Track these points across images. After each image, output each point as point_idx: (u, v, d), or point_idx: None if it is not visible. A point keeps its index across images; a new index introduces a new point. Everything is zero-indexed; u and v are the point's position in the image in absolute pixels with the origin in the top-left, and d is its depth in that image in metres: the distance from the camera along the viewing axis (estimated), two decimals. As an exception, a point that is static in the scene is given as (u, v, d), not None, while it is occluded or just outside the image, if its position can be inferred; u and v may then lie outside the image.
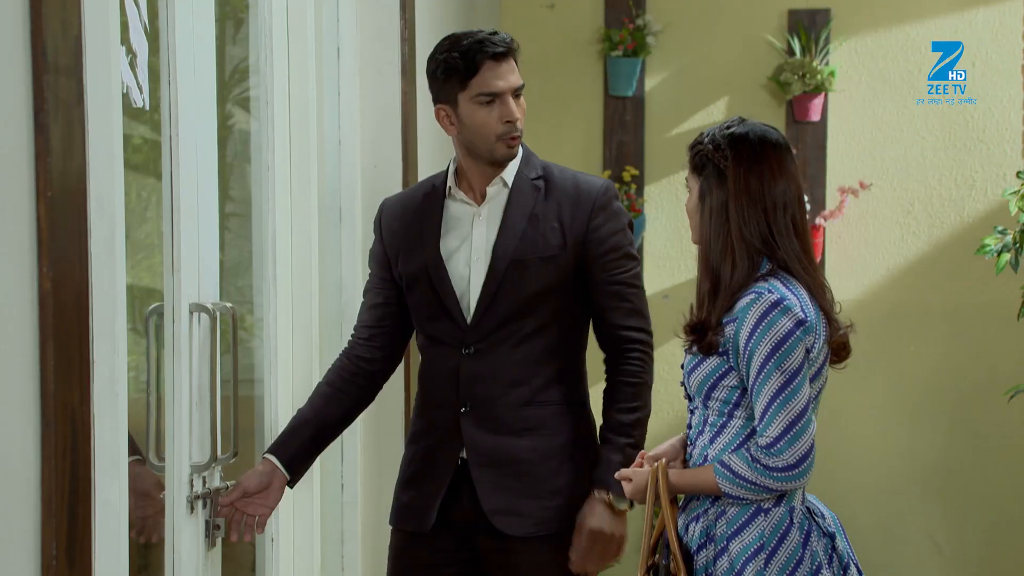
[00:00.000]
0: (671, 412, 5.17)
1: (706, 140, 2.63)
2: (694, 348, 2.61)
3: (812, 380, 2.57)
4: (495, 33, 2.81)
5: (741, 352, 2.54)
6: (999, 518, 5.16)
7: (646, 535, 2.66)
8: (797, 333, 2.52)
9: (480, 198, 2.87)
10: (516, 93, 2.80)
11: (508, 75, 2.79)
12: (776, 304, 2.53)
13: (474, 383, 2.82)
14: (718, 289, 2.59)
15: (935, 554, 5.19)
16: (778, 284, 2.56)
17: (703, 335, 2.58)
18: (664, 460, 2.64)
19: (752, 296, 2.54)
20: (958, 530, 5.18)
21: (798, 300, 2.55)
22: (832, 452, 4.47)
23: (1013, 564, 5.14)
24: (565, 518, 2.82)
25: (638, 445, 2.84)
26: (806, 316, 2.54)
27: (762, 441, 2.51)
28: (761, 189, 2.59)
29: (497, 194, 2.85)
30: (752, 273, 2.58)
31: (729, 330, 2.55)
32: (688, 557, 2.61)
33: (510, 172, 2.84)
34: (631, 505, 2.82)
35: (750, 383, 2.54)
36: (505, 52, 2.78)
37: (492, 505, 2.81)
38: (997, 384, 4.87)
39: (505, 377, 2.82)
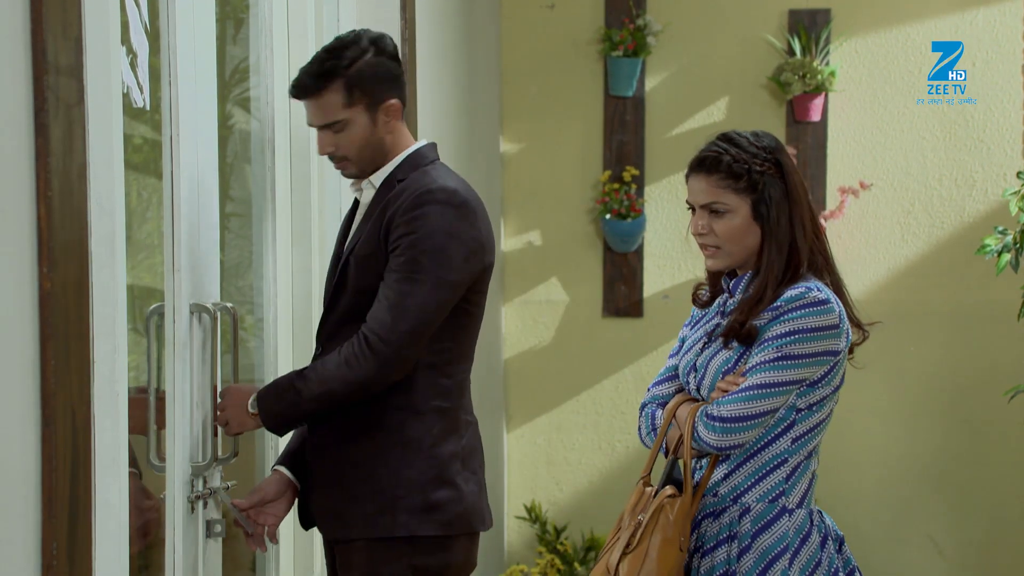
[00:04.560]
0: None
1: (746, 156, 2.63)
2: (732, 343, 2.61)
3: (838, 386, 2.63)
4: (312, 64, 2.72)
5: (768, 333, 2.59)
6: (999, 518, 5.16)
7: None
8: (822, 332, 2.55)
9: None
10: (329, 127, 2.72)
11: (312, 113, 2.74)
12: (823, 303, 2.57)
13: None
14: (777, 292, 2.61)
15: (935, 554, 5.19)
16: (821, 284, 2.62)
17: (742, 326, 2.61)
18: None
19: (802, 289, 2.58)
20: (958, 530, 5.18)
21: (838, 306, 2.61)
22: (832, 451, 4.47)
23: (1013, 564, 5.14)
24: (378, 524, 2.68)
25: (302, 392, 2.64)
26: (840, 322, 2.59)
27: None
28: (804, 187, 2.67)
29: (366, 196, 2.80)
30: (801, 270, 2.64)
31: (768, 316, 2.58)
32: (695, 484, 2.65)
33: (379, 176, 2.78)
34: (261, 420, 2.68)
35: (755, 349, 2.58)
36: (297, 94, 2.73)
37: (317, 507, 2.76)
38: (997, 384, 4.87)
39: None
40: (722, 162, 2.63)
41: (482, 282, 2.77)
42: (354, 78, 2.69)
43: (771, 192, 2.62)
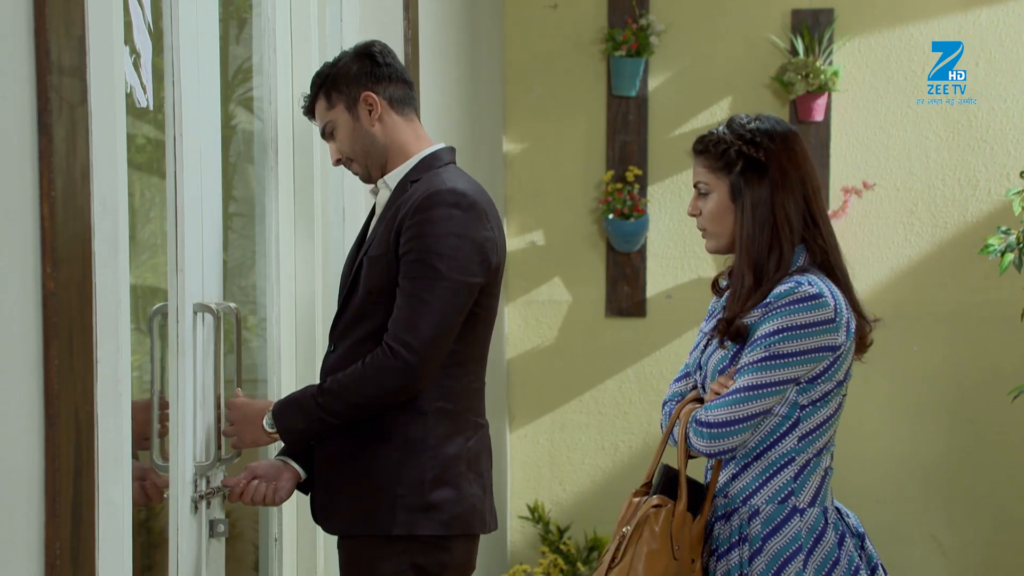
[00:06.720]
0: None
1: (730, 137, 2.63)
2: (726, 342, 2.60)
3: (842, 381, 2.60)
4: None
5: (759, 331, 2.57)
6: (1002, 518, 5.15)
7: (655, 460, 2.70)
8: (815, 328, 2.53)
9: None
10: (325, 135, 2.89)
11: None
12: (814, 297, 2.54)
13: (324, 379, 2.79)
14: (761, 282, 2.59)
15: (938, 554, 5.18)
16: (816, 279, 2.58)
17: (731, 323, 2.59)
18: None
19: (792, 284, 2.56)
20: (961, 530, 5.18)
21: (834, 299, 2.57)
22: (835, 451, 4.46)
23: (1015, 564, 5.14)
24: (378, 521, 2.72)
25: (324, 407, 2.67)
26: (835, 315, 2.55)
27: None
28: (800, 176, 2.64)
29: (381, 196, 2.86)
30: (789, 261, 2.60)
31: (758, 314, 2.56)
32: (696, 489, 2.62)
33: (394, 176, 2.84)
34: (280, 437, 2.72)
35: (745, 349, 2.57)
36: (303, 111, 2.93)
37: (320, 502, 2.80)
38: (1000, 384, 4.87)
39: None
40: (709, 143, 2.66)
41: (492, 284, 2.79)
42: (330, 83, 2.85)
43: (747, 174, 2.62)
